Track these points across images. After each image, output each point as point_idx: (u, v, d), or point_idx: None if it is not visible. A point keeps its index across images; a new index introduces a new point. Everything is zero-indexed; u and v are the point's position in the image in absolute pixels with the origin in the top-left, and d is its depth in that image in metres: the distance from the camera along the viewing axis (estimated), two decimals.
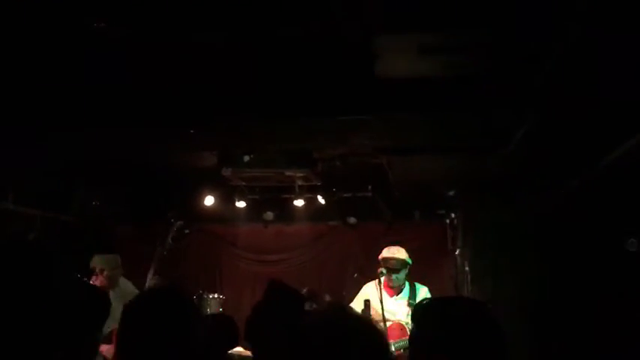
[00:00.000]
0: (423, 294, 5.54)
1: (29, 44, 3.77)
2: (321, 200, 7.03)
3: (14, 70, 4.04)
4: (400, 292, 5.62)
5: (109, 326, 2.46)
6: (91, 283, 5.01)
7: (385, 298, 5.31)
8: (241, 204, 7.16)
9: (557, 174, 5.01)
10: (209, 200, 6.97)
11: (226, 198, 7.10)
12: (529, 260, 5.64)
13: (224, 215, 7.46)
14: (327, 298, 6.82)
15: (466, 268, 6.27)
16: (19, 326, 1.70)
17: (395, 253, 5.55)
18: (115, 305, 2.37)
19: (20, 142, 4.85)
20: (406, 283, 5.64)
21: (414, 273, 5.84)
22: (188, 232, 7.35)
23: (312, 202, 7.04)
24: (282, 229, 7.79)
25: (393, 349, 5.20)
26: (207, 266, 7.83)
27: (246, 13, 3.40)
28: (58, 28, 3.65)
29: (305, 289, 6.41)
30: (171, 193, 7.07)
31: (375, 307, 5.29)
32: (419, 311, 2.01)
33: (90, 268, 5.14)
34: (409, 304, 5.48)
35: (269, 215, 7.52)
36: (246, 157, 5.71)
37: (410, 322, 5.28)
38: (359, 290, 5.82)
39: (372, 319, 5.59)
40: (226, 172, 5.95)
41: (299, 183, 6.55)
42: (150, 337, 2.04)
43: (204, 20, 3.61)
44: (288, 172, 6.03)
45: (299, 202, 7.01)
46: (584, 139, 4.30)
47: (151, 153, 5.69)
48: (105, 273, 5.12)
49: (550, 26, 3.25)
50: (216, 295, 6.67)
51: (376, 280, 5.40)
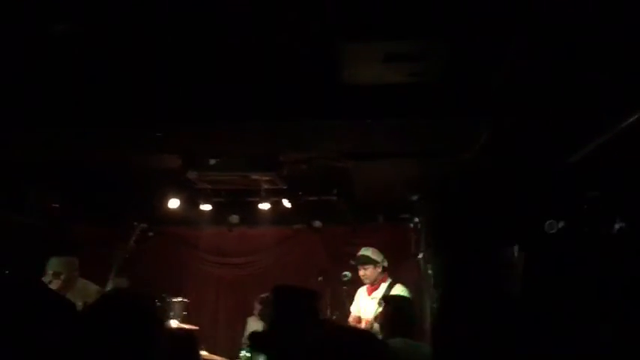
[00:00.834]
0: (397, 292, 5.72)
1: None
2: (287, 204, 7.05)
3: None
4: (376, 290, 5.80)
5: None
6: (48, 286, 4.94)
7: (364, 297, 5.52)
8: (206, 207, 7.13)
9: (518, 179, 5.12)
10: (173, 203, 6.93)
11: (191, 201, 7.06)
12: (490, 264, 5.74)
13: (188, 218, 7.43)
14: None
15: (429, 271, 6.36)
16: None
17: (362, 251, 5.81)
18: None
19: None
20: (383, 283, 5.82)
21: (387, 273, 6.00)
22: (152, 234, 7.30)
23: (277, 205, 7.05)
24: (247, 232, 7.79)
25: None
26: (171, 269, 7.78)
27: (219, 17, 3.41)
28: (17, 26, 3.61)
29: (267, 294, 6.44)
30: (135, 195, 7.00)
31: (363, 308, 5.79)
32: None
33: (47, 271, 5.07)
34: (379, 303, 5.63)
35: (234, 218, 7.51)
36: (212, 161, 5.70)
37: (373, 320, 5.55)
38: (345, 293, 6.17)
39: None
40: (191, 175, 5.94)
41: (264, 186, 6.56)
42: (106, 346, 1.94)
43: (171, 21, 3.61)
44: (253, 176, 6.04)
45: (264, 206, 7.02)
46: (543, 144, 4.41)
47: (115, 154, 5.63)
48: (62, 276, 5.06)
49: (506, 33, 3.34)
50: (180, 299, 6.63)
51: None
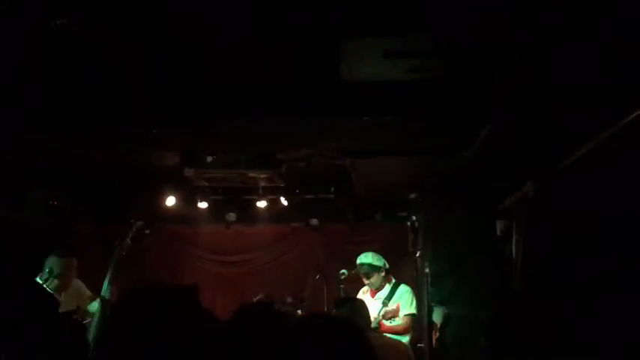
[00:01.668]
0: (400, 292, 5.69)
1: None
2: (284, 202, 7.03)
3: None
4: (380, 291, 5.78)
5: None
6: (45, 285, 4.92)
7: (367, 298, 5.50)
8: (203, 205, 7.12)
9: (517, 177, 5.12)
10: (171, 201, 6.91)
11: (188, 198, 7.04)
12: (489, 263, 5.75)
13: (186, 216, 7.41)
14: (289, 300, 6.83)
15: (426, 270, 6.34)
16: None
17: (362, 259, 5.80)
18: (69, 307, 2.36)
19: None
20: (387, 284, 5.78)
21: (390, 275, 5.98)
22: (149, 232, 7.26)
23: (274, 203, 7.04)
24: (244, 230, 7.76)
25: None
26: (168, 267, 7.76)
27: (218, 15, 3.40)
28: (16, 22, 3.59)
29: (261, 294, 6.44)
30: (133, 193, 6.98)
31: None
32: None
33: (44, 270, 5.05)
34: (383, 302, 5.70)
35: (231, 216, 7.49)
36: (209, 158, 5.68)
37: (379, 318, 5.56)
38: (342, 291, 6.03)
39: None
40: (189, 172, 5.91)
41: (262, 184, 6.54)
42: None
43: (169, 19, 3.59)
44: (251, 173, 6.02)
45: (262, 204, 7.01)
46: (542, 141, 4.41)
47: (113, 152, 5.61)
48: (59, 276, 5.04)
49: (508, 31, 3.33)
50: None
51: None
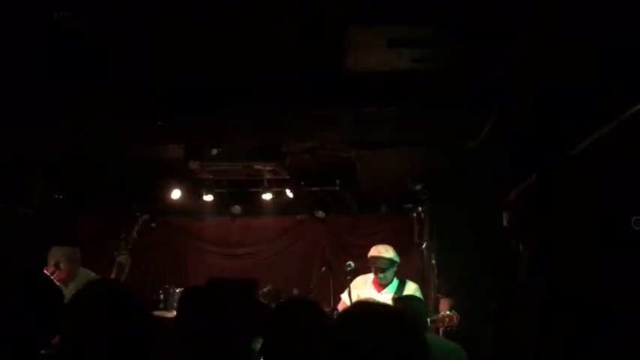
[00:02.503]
0: (410, 291, 5.57)
1: None
2: (289, 194, 7.02)
3: None
4: (387, 287, 5.67)
5: None
6: (49, 275, 4.92)
7: (373, 293, 5.39)
8: (208, 197, 7.12)
9: (523, 168, 5.09)
10: (176, 194, 6.91)
11: (193, 191, 7.05)
12: (495, 254, 5.72)
13: (191, 209, 7.42)
14: (295, 292, 6.83)
15: (432, 261, 6.34)
16: None
17: (382, 252, 5.60)
18: (73, 291, 2.36)
19: None
20: (395, 279, 5.69)
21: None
22: (154, 225, 7.27)
23: (280, 195, 7.03)
24: (250, 222, 7.77)
25: None
26: (173, 260, 7.77)
27: (222, 6, 3.38)
28: (16, 20, 3.58)
29: (269, 286, 6.43)
30: (138, 186, 6.98)
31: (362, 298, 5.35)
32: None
33: (49, 261, 5.05)
34: (393, 299, 5.53)
35: (236, 209, 7.49)
36: (214, 150, 5.67)
37: None
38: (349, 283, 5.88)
39: None
40: (194, 165, 5.90)
41: (267, 177, 6.53)
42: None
43: (173, 10, 3.57)
44: (256, 166, 6.01)
45: (267, 196, 7.00)
46: (548, 132, 4.38)
47: (118, 145, 5.61)
48: (62, 266, 5.03)
49: (513, 20, 3.30)
50: (183, 289, 6.60)
51: (369, 274, 5.58)
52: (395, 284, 5.65)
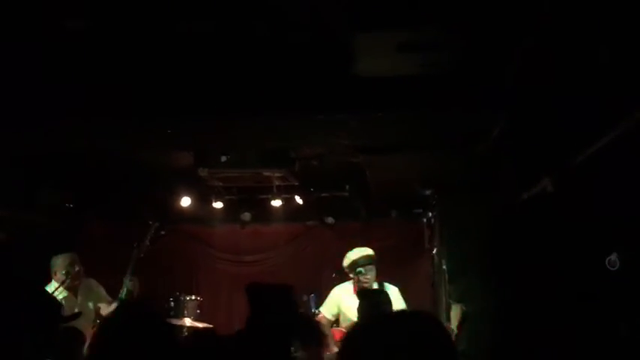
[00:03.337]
0: (394, 293, 5.54)
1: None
2: (299, 200, 7.02)
3: None
4: None
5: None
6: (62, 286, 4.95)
7: (349, 296, 5.40)
8: (218, 204, 7.12)
9: (533, 173, 5.06)
10: (185, 201, 6.92)
11: (203, 198, 7.06)
12: (506, 259, 5.68)
13: (201, 216, 7.43)
14: (305, 298, 6.80)
15: (443, 267, 6.30)
16: None
17: (364, 251, 5.67)
18: (84, 307, 2.38)
19: None
20: (374, 283, 5.67)
21: (390, 272, 5.88)
22: (164, 232, 7.28)
23: (289, 202, 7.03)
24: (259, 229, 7.76)
25: None
26: (184, 267, 7.77)
27: (224, 10, 3.39)
28: (30, 22, 3.61)
29: None
30: (147, 193, 7.00)
31: (346, 308, 5.49)
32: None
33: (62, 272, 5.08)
34: (358, 294, 5.50)
35: (246, 216, 7.49)
36: (223, 157, 5.68)
37: None
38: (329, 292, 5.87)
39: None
40: (203, 172, 5.92)
41: (276, 183, 6.54)
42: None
43: (183, 15, 3.59)
44: (265, 172, 6.02)
45: (276, 203, 7.00)
46: (558, 135, 4.35)
47: (127, 152, 5.63)
48: (61, 273, 5.06)
49: (521, 24, 3.29)
50: (193, 297, 6.61)
51: (348, 282, 5.51)
52: (375, 287, 5.64)
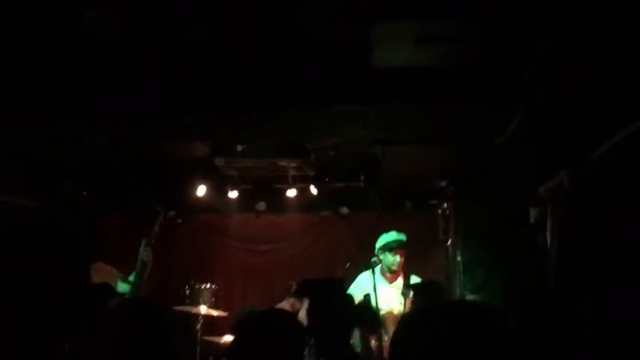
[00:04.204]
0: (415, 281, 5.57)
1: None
2: (314, 190, 7.03)
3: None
4: (395, 280, 5.67)
5: None
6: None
7: (381, 285, 5.39)
8: (233, 194, 7.15)
9: (551, 164, 5.05)
10: (201, 190, 6.96)
11: (218, 188, 7.08)
12: (521, 251, 5.68)
13: (216, 205, 7.45)
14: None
15: (458, 258, 6.29)
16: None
17: (397, 235, 5.71)
18: None
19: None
20: (400, 271, 5.70)
21: (404, 263, 5.89)
22: (180, 221, 7.34)
23: (304, 192, 7.04)
24: (274, 219, 7.78)
25: (385, 339, 5.21)
26: (199, 256, 7.81)
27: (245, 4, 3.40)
28: (46, 19, 3.64)
29: (293, 284, 6.45)
30: (163, 182, 7.04)
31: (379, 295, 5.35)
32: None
33: None
34: (403, 293, 5.51)
35: (261, 205, 7.51)
36: (240, 147, 5.71)
37: (402, 310, 5.38)
38: (354, 279, 5.87)
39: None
40: (219, 162, 5.95)
41: (292, 173, 6.55)
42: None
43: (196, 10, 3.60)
44: (281, 162, 6.04)
45: (291, 193, 7.01)
46: (576, 129, 4.33)
47: (145, 143, 5.66)
48: None
49: (541, 17, 3.28)
50: (208, 285, 6.66)
51: (369, 271, 5.47)
52: (401, 277, 5.66)
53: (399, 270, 5.71)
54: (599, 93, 3.73)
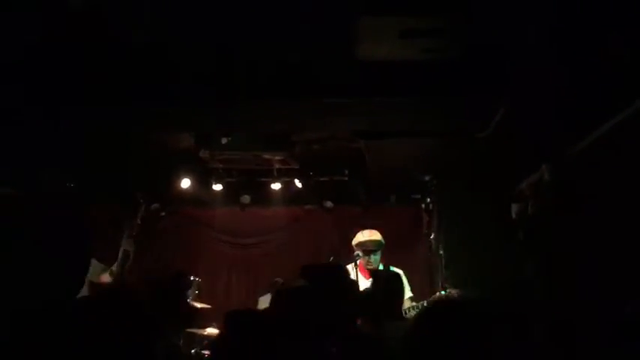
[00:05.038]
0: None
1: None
2: (298, 184, 7.05)
3: None
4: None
5: None
6: None
7: (361, 280, 5.37)
8: (218, 187, 7.14)
9: (533, 159, 5.10)
10: (185, 183, 6.94)
11: (203, 180, 7.07)
12: (503, 245, 5.73)
13: (201, 198, 7.44)
14: (303, 282, 6.82)
15: (440, 252, 6.34)
16: None
17: (371, 235, 5.66)
18: None
19: None
20: (380, 265, 5.72)
21: (388, 256, 5.91)
22: (164, 214, 7.31)
23: (289, 185, 7.06)
24: (259, 212, 7.78)
25: None
26: (183, 248, 7.79)
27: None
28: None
29: (278, 279, 6.47)
30: (147, 174, 7.00)
31: None
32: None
33: None
34: (372, 272, 5.54)
35: (246, 198, 7.51)
36: (224, 139, 5.69)
37: None
38: None
39: None
40: (204, 153, 5.93)
41: (276, 166, 6.56)
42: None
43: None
44: (266, 155, 6.04)
45: (276, 186, 7.02)
46: (558, 123, 4.38)
47: (128, 133, 5.64)
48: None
49: (523, 11, 3.31)
50: (192, 278, 6.65)
51: (352, 264, 5.49)
52: (381, 269, 5.68)
53: (374, 265, 5.72)
54: (582, 87, 3.78)
